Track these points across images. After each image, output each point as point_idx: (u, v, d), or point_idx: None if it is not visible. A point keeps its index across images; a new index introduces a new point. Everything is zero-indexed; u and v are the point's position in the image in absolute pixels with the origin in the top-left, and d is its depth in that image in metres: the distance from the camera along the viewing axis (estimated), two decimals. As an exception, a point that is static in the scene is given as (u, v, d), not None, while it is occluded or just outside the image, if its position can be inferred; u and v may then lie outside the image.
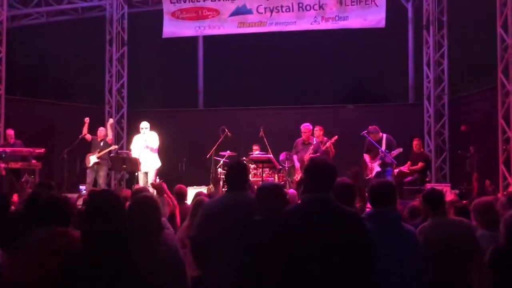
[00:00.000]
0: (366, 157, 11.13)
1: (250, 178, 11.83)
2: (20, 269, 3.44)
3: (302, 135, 11.30)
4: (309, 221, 3.08)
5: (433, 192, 4.89)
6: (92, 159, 11.94)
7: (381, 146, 10.85)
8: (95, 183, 12.03)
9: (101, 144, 12.04)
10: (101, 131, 12.19)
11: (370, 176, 10.75)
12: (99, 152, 11.92)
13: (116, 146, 13.05)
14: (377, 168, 10.84)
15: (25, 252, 3.46)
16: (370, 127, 11.10)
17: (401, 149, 10.93)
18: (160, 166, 11.57)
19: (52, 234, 3.45)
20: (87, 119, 12.18)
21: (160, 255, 3.54)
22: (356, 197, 4.49)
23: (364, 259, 3.07)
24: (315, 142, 11.12)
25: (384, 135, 11.08)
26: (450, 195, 7.90)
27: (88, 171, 12.03)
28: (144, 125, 11.48)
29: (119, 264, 2.73)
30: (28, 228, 3.66)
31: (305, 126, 11.30)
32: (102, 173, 12.08)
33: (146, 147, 11.33)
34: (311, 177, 3.23)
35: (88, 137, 12.14)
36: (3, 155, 11.29)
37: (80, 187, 11.82)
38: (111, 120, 12.66)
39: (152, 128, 11.57)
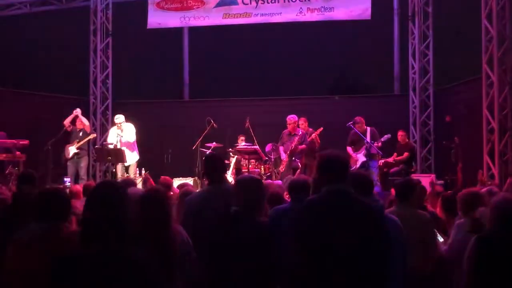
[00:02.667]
0: (349, 149, 11.20)
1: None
2: (10, 265, 3.40)
3: (288, 126, 11.30)
4: (330, 212, 3.12)
5: (405, 183, 4.95)
6: (72, 150, 11.82)
7: (366, 138, 10.94)
8: (76, 175, 11.92)
9: (80, 134, 11.94)
10: (80, 121, 12.06)
11: (354, 167, 10.79)
12: (78, 142, 11.82)
13: (95, 134, 12.91)
14: (362, 158, 10.90)
15: (16, 247, 3.42)
16: (356, 117, 11.16)
17: (389, 135, 11.03)
18: (140, 159, 11.50)
19: (45, 230, 3.40)
20: (75, 111, 12.03)
21: (172, 252, 3.51)
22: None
23: (380, 249, 3.11)
24: (300, 133, 11.13)
25: (369, 128, 11.16)
26: (436, 186, 7.94)
27: (68, 163, 11.89)
28: (119, 119, 11.33)
29: (118, 258, 2.66)
30: (21, 222, 3.60)
31: (290, 118, 11.30)
32: (83, 164, 11.96)
33: (123, 143, 11.21)
34: (327, 170, 3.25)
35: (69, 127, 12.03)
36: (-14, 147, 11.20)
37: (65, 179, 11.72)
38: (78, 110, 12.37)
39: (137, 119, 11.49)
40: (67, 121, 12.04)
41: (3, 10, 14.90)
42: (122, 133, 11.24)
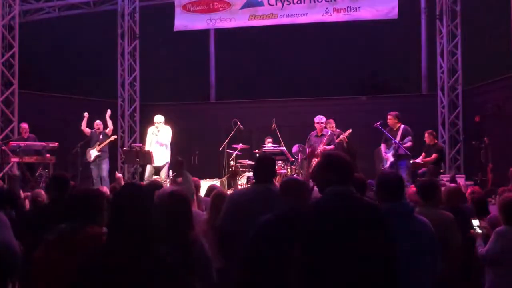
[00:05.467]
0: (383, 146, 11.02)
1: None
2: (39, 264, 3.45)
3: (316, 126, 11.21)
4: (333, 215, 3.08)
5: (427, 183, 4.90)
6: (93, 153, 11.95)
7: (396, 137, 10.74)
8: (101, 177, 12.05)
9: (100, 137, 12.07)
10: (97, 124, 12.17)
11: (385, 166, 10.66)
12: (99, 145, 11.95)
13: (115, 136, 12.99)
14: (391, 159, 10.71)
15: (44, 247, 3.47)
16: (394, 112, 10.95)
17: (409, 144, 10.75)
18: (169, 161, 11.55)
19: (72, 230, 3.44)
20: (86, 114, 12.21)
21: (193, 254, 3.50)
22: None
23: (385, 251, 3.07)
24: (328, 134, 11.06)
25: (402, 126, 10.92)
26: (466, 187, 7.82)
27: (91, 166, 12.04)
28: (158, 119, 11.43)
29: (145, 261, 2.67)
30: (53, 222, 3.64)
31: (319, 118, 11.23)
32: (105, 166, 12.08)
33: (156, 142, 11.31)
34: (330, 171, 3.22)
35: (87, 131, 12.17)
36: (18, 149, 11.38)
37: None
38: (109, 111, 12.55)
39: (164, 121, 11.54)
40: (83, 127, 12.17)
41: (33, 14, 15.14)
42: (158, 133, 11.34)
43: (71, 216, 3.53)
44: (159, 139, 11.29)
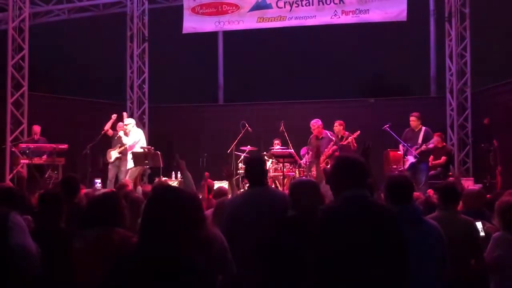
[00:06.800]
0: (402, 148, 10.94)
1: (271, 173, 11.86)
2: (76, 272, 3.47)
3: (313, 131, 11.16)
4: (348, 219, 3.08)
5: (448, 187, 4.80)
6: (114, 154, 12.03)
7: (418, 138, 10.68)
8: (116, 178, 12.11)
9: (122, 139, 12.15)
10: (120, 126, 12.24)
11: (403, 168, 10.58)
12: (120, 147, 12.01)
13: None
14: (411, 160, 10.61)
15: (75, 254, 3.48)
16: (416, 113, 10.94)
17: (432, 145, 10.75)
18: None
19: (98, 236, 3.45)
20: (114, 116, 12.29)
21: (212, 251, 3.46)
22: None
23: (397, 256, 3.06)
24: (328, 136, 10.97)
25: (423, 128, 10.86)
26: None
27: (110, 166, 12.12)
28: (126, 121, 11.60)
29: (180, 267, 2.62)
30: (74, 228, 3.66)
31: (313, 123, 11.12)
32: (124, 168, 12.13)
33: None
34: (344, 175, 3.21)
35: (110, 132, 12.25)
36: (27, 151, 11.45)
37: (95, 180, 11.94)
38: (125, 114, 12.66)
39: (173, 123, 11.60)
40: (107, 126, 12.26)
41: (42, 17, 15.22)
42: (127, 136, 11.51)
43: (92, 222, 3.53)
44: (124, 140, 11.44)
